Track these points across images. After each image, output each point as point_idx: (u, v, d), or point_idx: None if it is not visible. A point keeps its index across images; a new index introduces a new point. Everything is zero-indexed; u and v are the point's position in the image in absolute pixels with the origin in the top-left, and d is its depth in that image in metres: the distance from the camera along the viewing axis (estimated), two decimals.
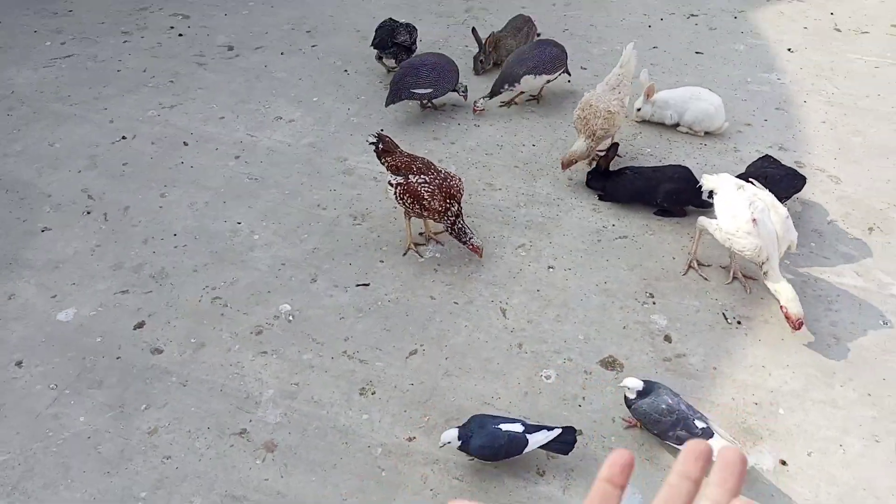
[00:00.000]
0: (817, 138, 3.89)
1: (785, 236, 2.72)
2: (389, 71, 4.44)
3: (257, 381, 2.68)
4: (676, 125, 3.90)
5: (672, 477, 0.59)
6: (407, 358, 2.76)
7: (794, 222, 2.83)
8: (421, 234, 3.28)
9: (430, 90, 3.90)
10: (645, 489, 2.33)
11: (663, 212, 3.36)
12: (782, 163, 3.37)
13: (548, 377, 2.69)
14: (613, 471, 0.60)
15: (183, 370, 2.74)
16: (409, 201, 3.01)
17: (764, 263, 2.71)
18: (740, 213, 2.70)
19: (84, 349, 2.83)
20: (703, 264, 3.09)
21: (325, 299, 3.01)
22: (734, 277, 3.00)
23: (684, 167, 3.38)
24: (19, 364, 2.78)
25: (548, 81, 4.03)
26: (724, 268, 3.06)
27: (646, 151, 3.83)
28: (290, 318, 2.93)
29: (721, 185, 2.86)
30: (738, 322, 2.85)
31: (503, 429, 2.27)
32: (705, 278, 3.03)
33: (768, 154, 3.46)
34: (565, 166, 3.50)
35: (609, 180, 3.42)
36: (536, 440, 2.28)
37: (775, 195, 3.04)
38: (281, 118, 4.13)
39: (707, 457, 0.59)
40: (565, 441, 2.32)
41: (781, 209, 2.76)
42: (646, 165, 3.53)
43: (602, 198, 3.47)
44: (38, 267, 3.19)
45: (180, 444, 2.50)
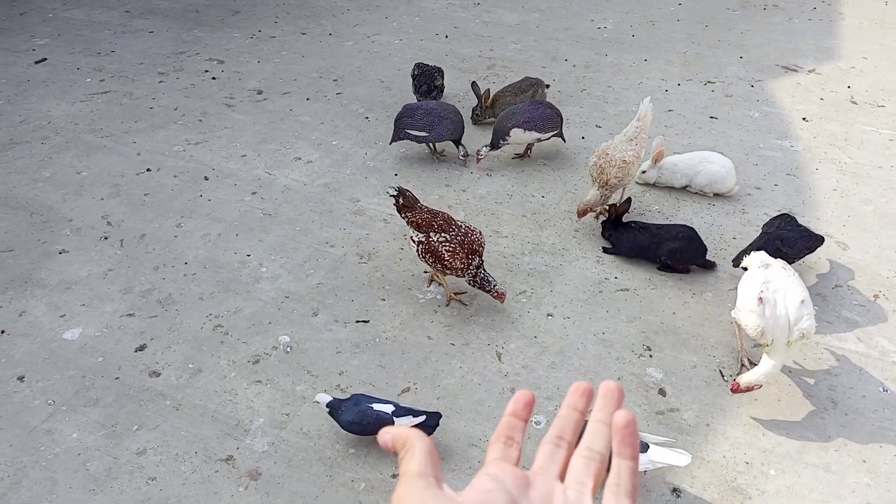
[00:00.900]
0: (827, 205, 3.90)
1: (797, 324, 2.54)
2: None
3: (249, 409, 2.71)
4: (685, 187, 3.94)
5: (562, 410, 0.71)
6: (399, 395, 2.77)
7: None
8: (433, 280, 3.30)
9: (424, 133, 4.03)
10: None
11: (666, 267, 3.37)
12: (799, 222, 3.36)
13: (538, 423, 2.67)
14: (517, 406, 0.71)
15: (178, 394, 2.77)
16: (430, 260, 3.04)
17: (767, 345, 2.59)
18: (750, 290, 2.66)
19: (85, 368, 2.89)
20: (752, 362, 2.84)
21: (324, 333, 3.05)
22: (741, 363, 2.84)
23: (689, 227, 3.41)
24: (21, 379, 2.85)
25: (538, 140, 4.07)
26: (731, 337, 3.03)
27: (654, 209, 3.87)
28: (288, 349, 2.97)
29: (750, 262, 2.80)
30: (735, 380, 2.81)
31: (374, 408, 2.46)
32: (751, 362, 2.83)
33: (786, 213, 3.46)
34: (581, 215, 3.56)
35: (616, 231, 3.46)
36: (401, 423, 2.42)
37: (793, 257, 3.09)
38: (300, 158, 4.27)
39: (589, 393, 0.72)
40: (428, 425, 2.48)
41: (799, 294, 2.57)
42: (653, 222, 3.56)
43: (606, 250, 3.50)
44: (51, 286, 3.29)
45: (166, 466, 2.51)
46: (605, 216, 3.55)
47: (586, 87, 5.13)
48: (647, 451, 2.35)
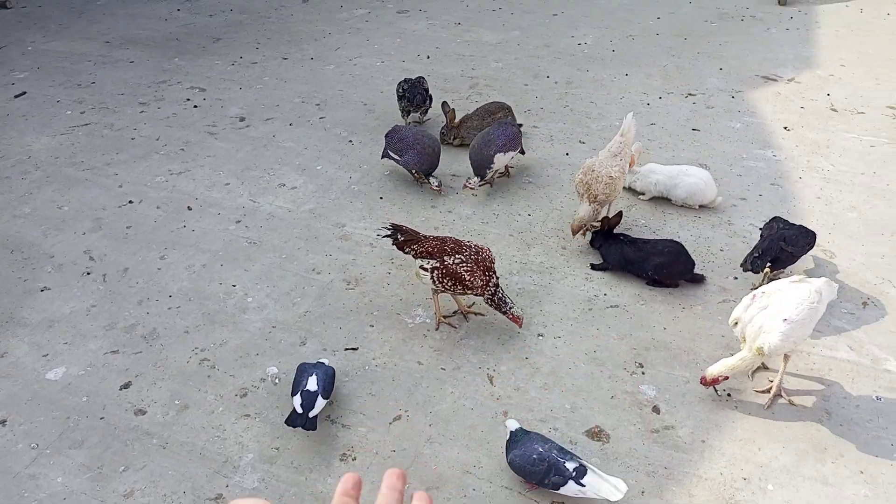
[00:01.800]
0: (812, 213, 3.91)
1: (763, 334, 2.56)
2: (418, 122, 4.90)
3: (238, 444, 2.65)
4: (661, 197, 3.95)
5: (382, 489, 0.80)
6: (390, 423, 2.73)
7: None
8: (455, 312, 3.24)
9: (398, 158, 4.07)
10: None
11: (654, 282, 3.36)
12: (791, 222, 3.40)
13: None
14: (346, 487, 0.78)
15: (164, 432, 2.72)
16: (448, 283, 2.97)
17: (743, 341, 2.66)
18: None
19: (69, 409, 2.83)
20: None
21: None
22: (775, 395, 2.75)
23: (677, 242, 3.41)
24: (3, 423, 2.78)
25: (512, 157, 4.10)
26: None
27: (640, 223, 3.86)
28: (277, 380, 2.92)
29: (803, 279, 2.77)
30: (728, 395, 2.80)
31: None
32: (792, 403, 2.77)
33: (777, 216, 3.49)
34: (575, 232, 3.57)
35: (605, 243, 3.47)
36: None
37: (797, 254, 3.20)
38: (284, 185, 4.25)
39: (403, 476, 0.81)
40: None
41: (786, 311, 2.54)
42: (640, 237, 3.56)
43: (594, 267, 3.49)
44: (33, 325, 3.23)
45: None
46: (597, 228, 3.55)
47: (568, 104, 5.14)
48: (583, 476, 2.31)
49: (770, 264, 3.21)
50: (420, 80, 4.87)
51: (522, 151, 4.27)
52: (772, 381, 2.79)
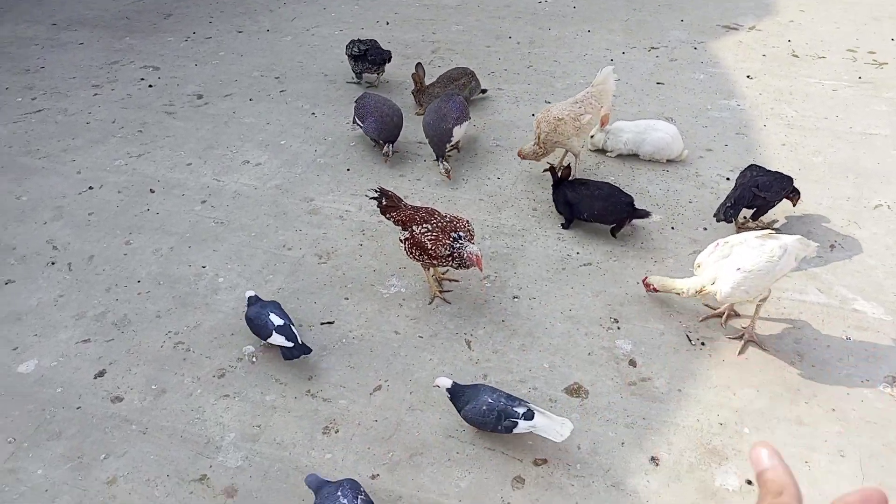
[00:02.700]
0: (778, 160, 3.95)
1: (715, 280, 2.64)
2: (373, 84, 4.89)
3: (218, 425, 2.64)
4: (633, 155, 3.96)
5: None
6: (371, 394, 2.73)
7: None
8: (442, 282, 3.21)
9: (360, 125, 4.03)
10: None
11: (614, 228, 3.38)
12: (766, 168, 3.42)
13: None
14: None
15: (143, 418, 2.69)
16: (417, 253, 2.92)
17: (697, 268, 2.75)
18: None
19: (44, 401, 2.78)
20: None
21: None
22: (747, 341, 2.83)
23: (609, 184, 3.45)
24: None
25: (467, 128, 4.04)
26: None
27: (609, 179, 3.86)
28: (254, 359, 2.90)
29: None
30: (702, 343, 2.85)
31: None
32: (764, 348, 2.81)
33: (753, 163, 3.51)
34: (521, 157, 3.78)
35: (556, 191, 3.53)
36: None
37: (772, 200, 3.26)
38: (248, 162, 4.16)
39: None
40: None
41: (742, 262, 2.59)
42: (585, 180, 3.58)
43: (564, 225, 3.50)
44: (0, 319, 3.15)
45: (139, 493, 2.44)
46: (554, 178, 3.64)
47: (532, 64, 5.09)
48: (531, 418, 2.38)
49: (753, 213, 3.25)
50: (373, 41, 4.81)
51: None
52: (744, 328, 2.84)
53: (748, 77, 4.76)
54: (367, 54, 4.71)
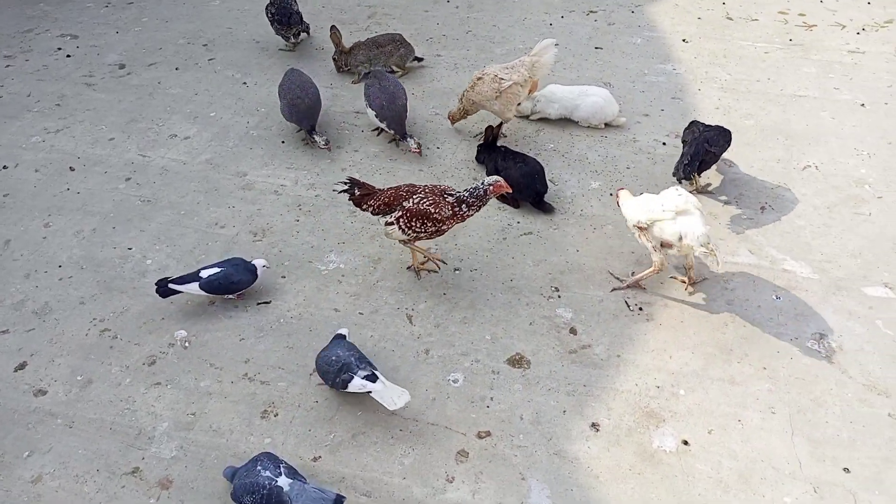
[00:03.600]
0: (711, 123, 3.98)
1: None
2: (293, 49, 4.75)
3: (150, 414, 2.54)
4: (572, 121, 3.95)
5: None
6: (311, 375, 2.67)
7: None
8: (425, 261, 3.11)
9: (281, 102, 3.82)
10: (553, 483, 2.31)
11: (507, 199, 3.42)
12: (708, 123, 3.49)
13: (455, 381, 2.64)
14: None
15: (69, 411, 2.57)
16: (418, 224, 2.79)
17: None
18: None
19: None
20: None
21: (224, 321, 2.88)
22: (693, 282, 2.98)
23: (539, 165, 3.42)
24: None
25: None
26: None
27: (549, 147, 3.85)
28: (186, 344, 2.79)
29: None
30: (640, 308, 2.88)
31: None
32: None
33: (695, 120, 3.56)
34: (450, 121, 3.85)
35: (487, 155, 3.58)
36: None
37: (719, 154, 3.39)
38: (176, 135, 3.97)
39: None
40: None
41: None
42: (520, 152, 3.57)
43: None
44: None
45: (67, 490, 2.33)
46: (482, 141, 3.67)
47: (471, 29, 4.99)
48: (372, 382, 2.40)
49: (698, 167, 3.32)
50: (286, 1, 4.61)
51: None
52: (685, 279, 2.93)
53: (684, 41, 4.79)
54: (277, 16, 4.56)
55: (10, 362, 2.73)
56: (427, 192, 2.83)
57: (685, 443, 2.40)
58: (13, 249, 3.24)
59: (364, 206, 2.96)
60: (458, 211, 2.79)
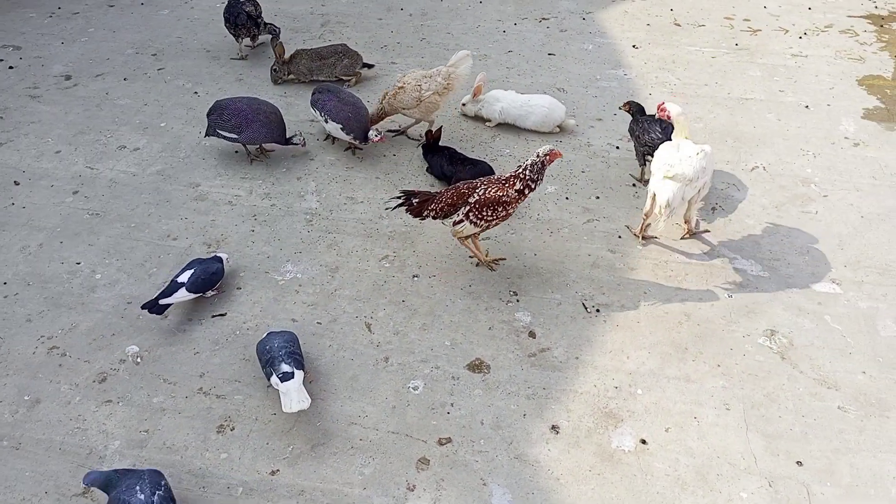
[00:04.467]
0: None
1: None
2: (244, 58, 4.70)
3: (101, 433, 2.46)
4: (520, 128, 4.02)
5: None
6: (268, 387, 2.62)
7: (639, 210, 2.95)
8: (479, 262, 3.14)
9: (234, 136, 3.61)
10: (514, 487, 2.31)
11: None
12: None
13: (415, 388, 2.63)
14: None
15: (15, 431, 2.47)
16: (489, 213, 2.84)
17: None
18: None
19: None
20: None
21: (178, 335, 2.82)
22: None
23: (488, 167, 3.48)
24: None
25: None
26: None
27: (505, 152, 3.88)
28: (138, 359, 2.72)
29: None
30: (598, 310, 2.91)
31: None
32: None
33: (632, 101, 3.70)
34: (371, 122, 3.76)
35: (432, 156, 3.64)
36: None
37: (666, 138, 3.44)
38: (125, 147, 3.88)
39: None
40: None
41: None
42: (468, 156, 3.64)
43: (430, 171, 3.66)
44: None
45: None
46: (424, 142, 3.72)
47: (425, 36, 5.01)
48: (287, 380, 2.41)
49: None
50: (242, 2, 4.53)
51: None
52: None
53: (634, 47, 4.88)
54: (227, 17, 4.55)
55: None
56: (487, 182, 2.92)
57: (643, 442, 2.43)
58: None
59: (425, 213, 2.96)
60: (522, 189, 2.88)
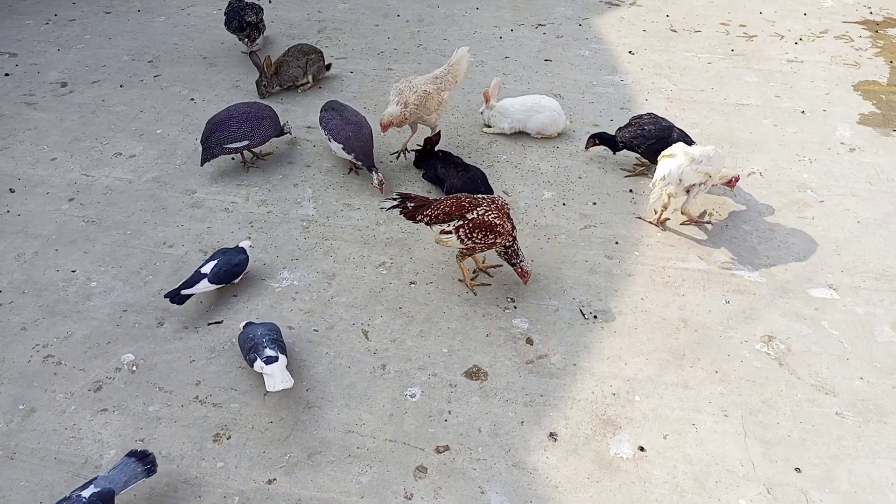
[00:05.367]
0: None
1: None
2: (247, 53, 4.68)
3: (97, 442, 2.45)
4: (517, 133, 4.02)
5: None
6: (265, 395, 2.61)
7: (635, 216, 2.94)
8: (475, 271, 3.14)
9: (245, 142, 3.60)
10: (512, 495, 2.30)
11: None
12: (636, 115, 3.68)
13: (413, 395, 2.62)
14: None
15: (10, 441, 2.45)
16: (479, 236, 2.82)
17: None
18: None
19: None
20: None
21: (174, 343, 2.81)
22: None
23: (480, 173, 3.45)
24: None
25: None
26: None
27: (502, 158, 3.87)
28: (134, 368, 2.70)
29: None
30: (595, 316, 2.91)
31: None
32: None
33: (606, 133, 3.70)
34: (384, 129, 3.61)
35: (426, 161, 3.61)
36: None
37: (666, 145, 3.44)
38: (120, 154, 3.87)
39: None
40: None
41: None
42: (464, 160, 3.60)
43: (425, 176, 3.65)
44: None
45: None
46: (419, 148, 3.69)
47: (422, 42, 5.01)
48: (271, 363, 2.46)
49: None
50: (246, 7, 4.61)
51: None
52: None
53: (630, 52, 4.89)
54: (227, 17, 4.63)
55: None
56: (490, 204, 2.86)
57: (641, 449, 2.42)
58: None
59: (419, 217, 2.94)
60: (512, 233, 2.86)
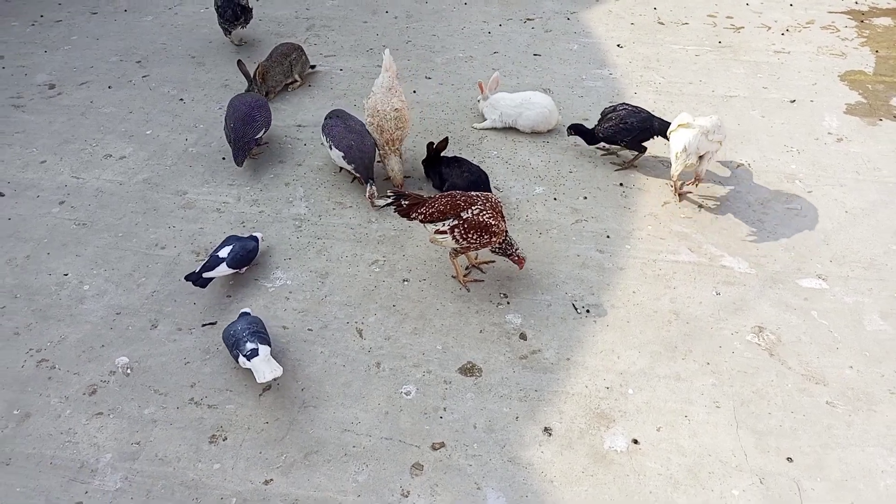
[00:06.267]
0: None
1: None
2: (238, 44, 4.83)
3: (92, 446, 2.45)
4: (508, 128, 4.03)
5: None
6: (260, 395, 2.62)
7: (626, 210, 2.96)
8: (468, 267, 3.14)
9: (265, 129, 3.69)
10: (508, 490, 2.32)
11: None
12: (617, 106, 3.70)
13: (408, 393, 2.63)
14: None
15: (5, 447, 2.45)
16: (474, 235, 2.83)
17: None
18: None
19: None
20: None
21: (168, 345, 2.81)
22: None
23: (482, 173, 3.43)
24: None
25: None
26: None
27: (493, 154, 3.88)
28: (129, 370, 2.71)
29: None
30: (588, 310, 2.93)
31: None
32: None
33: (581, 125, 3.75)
34: (399, 185, 3.50)
35: (433, 168, 3.54)
36: None
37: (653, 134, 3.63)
38: (111, 155, 3.86)
39: None
40: None
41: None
42: (467, 159, 3.58)
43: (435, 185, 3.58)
44: None
45: None
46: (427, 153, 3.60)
47: (411, 39, 5.01)
48: (254, 356, 2.51)
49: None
50: None
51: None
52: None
53: (618, 46, 4.90)
54: (219, 8, 4.65)
55: None
56: (485, 203, 2.86)
57: (635, 442, 2.44)
58: None
59: (413, 216, 2.94)
60: (506, 231, 2.88)
